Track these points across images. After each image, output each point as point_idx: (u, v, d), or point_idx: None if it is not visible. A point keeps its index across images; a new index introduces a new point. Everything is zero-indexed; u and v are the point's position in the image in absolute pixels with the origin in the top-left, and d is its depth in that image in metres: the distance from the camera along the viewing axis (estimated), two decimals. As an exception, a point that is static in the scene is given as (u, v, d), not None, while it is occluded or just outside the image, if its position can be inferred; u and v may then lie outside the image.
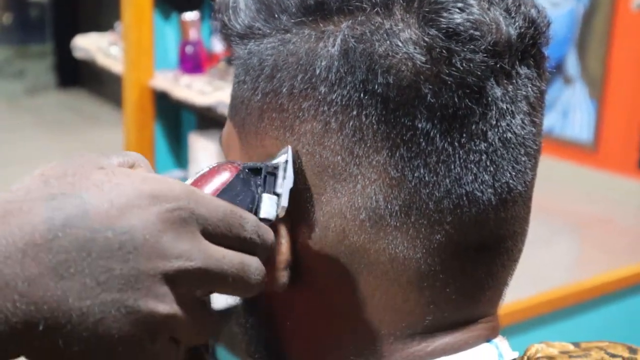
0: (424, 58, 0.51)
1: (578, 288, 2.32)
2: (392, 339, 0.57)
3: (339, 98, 0.53)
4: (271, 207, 0.55)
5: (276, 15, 0.56)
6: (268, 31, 0.56)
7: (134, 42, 2.49)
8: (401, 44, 0.51)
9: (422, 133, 0.52)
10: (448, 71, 0.51)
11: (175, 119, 2.72)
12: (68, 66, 7.31)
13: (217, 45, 2.60)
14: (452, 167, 0.53)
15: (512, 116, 0.54)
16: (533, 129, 0.56)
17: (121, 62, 2.64)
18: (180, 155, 2.74)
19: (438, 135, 0.52)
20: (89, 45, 3.01)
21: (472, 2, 0.52)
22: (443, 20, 0.51)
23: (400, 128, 0.52)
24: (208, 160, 2.43)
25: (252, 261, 0.51)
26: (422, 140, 0.52)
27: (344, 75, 0.53)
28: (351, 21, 0.53)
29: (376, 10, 0.52)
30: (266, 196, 0.55)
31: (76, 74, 7.56)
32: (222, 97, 2.26)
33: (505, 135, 0.54)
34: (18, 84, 7.64)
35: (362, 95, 0.52)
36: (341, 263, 0.55)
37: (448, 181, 0.53)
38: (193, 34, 2.51)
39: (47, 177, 0.47)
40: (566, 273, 3.39)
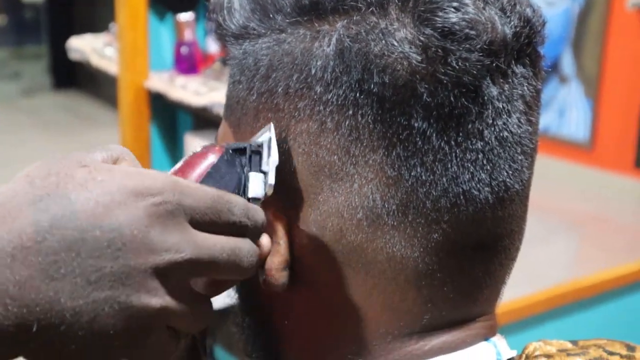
0: (420, 57, 0.51)
1: (575, 286, 2.32)
2: (390, 338, 0.57)
3: (335, 98, 0.53)
4: (259, 186, 0.54)
5: (271, 15, 0.56)
6: (263, 31, 0.56)
7: (129, 43, 2.48)
8: (397, 44, 0.51)
9: (419, 132, 0.52)
10: (444, 70, 0.51)
11: (170, 120, 2.72)
12: (63, 67, 7.30)
13: (212, 45, 2.60)
14: (449, 166, 0.53)
15: (509, 115, 0.54)
16: (529, 128, 0.56)
17: (116, 63, 2.64)
18: (176, 155, 2.73)
19: (434, 134, 0.52)
20: (84, 46, 3.00)
21: (468, 2, 0.52)
22: (438, 19, 0.51)
23: (396, 127, 0.52)
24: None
25: (244, 244, 0.51)
26: (419, 139, 0.52)
27: (340, 74, 0.53)
28: (346, 21, 0.53)
29: (371, 9, 0.52)
30: (253, 175, 0.54)
31: (72, 75, 7.54)
32: (218, 98, 2.25)
33: (501, 134, 0.54)
34: (13, 86, 7.63)
35: (358, 94, 0.52)
36: (338, 262, 0.55)
37: (445, 180, 0.53)
38: (188, 35, 2.51)
39: (32, 178, 0.47)
40: (563, 271, 3.39)
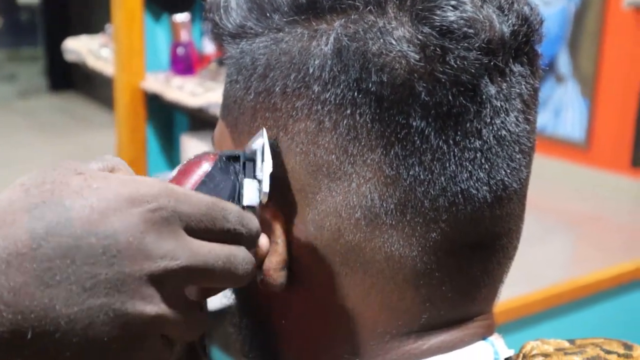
0: (418, 56, 0.51)
1: (572, 285, 2.33)
2: (388, 338, 0.57)
3: (333, 97, 0.53)
4: (253, 194, 0.54)
5: (268, 14, 0.55)
6: (260, 30, 0.56)
7: (125, 44, 2.48)
8: (395, 42, 0.51)
9: (417, 131, 0.52)
10: (442, 69, 0.51)
11: (167, 121, 2.72)
12: (59, 69, 7.30)
13: (208, 46, 2.60)
14: (447, 165, 0.53)
15: (507, 114, 0.54)
16: (527, 127, 0.56)
17: (112, 64, 2.64)
18: (172, 156, 2.73)
19: (432, 133, 0.52)
20: (80, 47, 3.00)
21: (465, 0, 0.52)
22: (436, 18, 0.51)
23: (394, 126, 0.52)
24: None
25: (239, 252, 0.51)
26: (417, 138, 0.52)
27: (338, 74, 0.52)
28: (344, 20, 0.53)
29: (369, 8, 0.52)
30: (247, 182, 0.54)
31: (68, 77, 7.54)
32: (214, 98, 2.25)
33: (499, 132, 0.54)
34: (10, 88, 7.63)
35: (356, 93, 0.52)
36: (337, 262, 0.55)
37: (443, 179, 0.53)
38: (184, 36, 2.51)
39: (28, 187, 0.47)
40: (560, 271, 3.40)
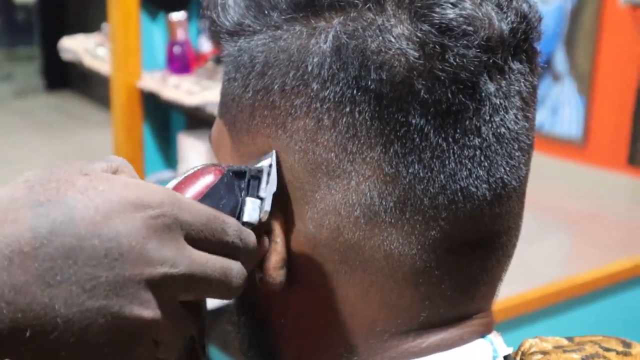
0: (417, 54, 0.51)
1: (570, 283, 2.33)
2: (387, 336, 0.57)
3: (332, 95, 0.53)
4: (254, 211, 0.55)
5: (266, 11, 0.55)
6: (258, 28, 0.56)
7: (121, 43, 2.48)
8: (394, 40, 0.51)
9: (416, 129, 0.52)
10: (441, 67, 0.51)
11: (163, 120, 2.72)
12: (56, 68, 7.29)
13: (205, 45, 2.60)
14: (447, 163, 0.53)
15: (506, 111, 0.54)
16: (526, 124, 0.56)
17: (109, 64, 2.64)
18: (169, 155, 2.73)
19: (432, 130, 0.52)
20: (76, 46, 3.00)
21: None
22: (436, 15, 0.51)
23: (394, 124, 0.52)
24: (197, 160, 2.43)
25: (234, 265, 0.52)
26: (416, 136, 0.52)
27: (337, 71, 0.52)
28: (343, 17, 0.53)
29: (368, 6, 0.52)
30: (249, 200, 0.55)
31: (64, 76, 7.53)
32: (211, 97, 2.26)
33: (498, 130, 0.54)
34: (6, 87, 7.62)
35: (355, 91, 0.52)
36: (336, 260, 0.55)
37: (442, 177, 0.53)
38: (180, 34, 2.51)
39: (32, 184, 0.47)
40: (557, 269, 3.40)
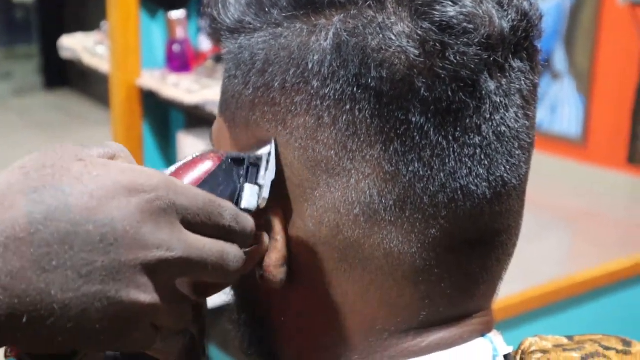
0: (418, 51, 0.51)
1: (570, 282, 2.33)
2: (387, 335, 0.57)
3: (332, 92, 0.53)
4: (252, 198, 0.55)
5: (267, 9, 0.55)
6: (259, 25, 0.56)
7: (121, 41, 2.48)
8: (394, 38, 0.51)
9: (416, 127, 0.52)
10: (442, 64, 0.51)
11: (163, 118, 2.72)
12: (55, 67, 7.30)
13: (204, 43, 2.60)
14: (447, 161, 0.53)
15: (506, 110, 0.54)
16: (526, 123, 0.56)
17: (108, 62, 2.64)
18: (168, 154, 2.73)
19: (432, 129, 0.52)
20: (75, 45, 3.00)
21: None
22: (436, 13, 0.51)
23: (394, 122, 0.52)
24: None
25: (231, 249, 0.51)
26: (416, 134, 0.52)
27: (337, 69, 0.52)
28: (343, 15, 0.53)
29: (368, 3, 0.52)
30: (248, 186, 0.55)
31: (63, 75, 7.54)
32: (210, 96, 2.25)
33: (499, 128, 0.54)
34: (5, 86, 7.62)
35: (355, 89, 0.52)
36: (335, 258, 0.55)
37: (442, 175, 0.53)
38: (180, 33, 2.51)
39: (27, 170, 0.47)
40: (557, 267, 3.40)
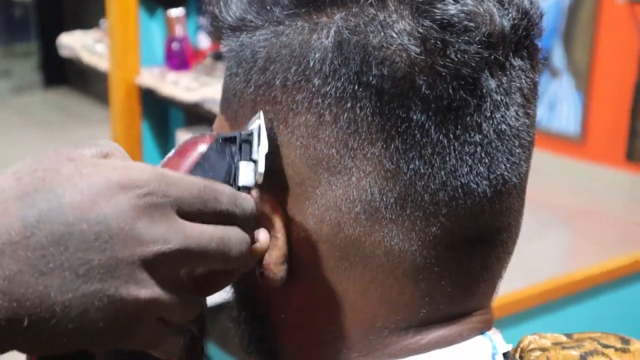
0: (419, 49, 0.51)
1: (569, 280, 2.33)
2: (387, 332, 0.57)
3: (333, 90, 0.53)
4: (249, 175, 0.55)
5: (268, 7, 0.55)
6: (260, 23, 0.56)
7: (120, 39, 2.48)
8: (395, 35, 0.51)
9: (417, 125, 0.52)
10: (442, 62, 0.51)
11: (162, 116, 2.71)
12: (54, 65, 7.27)
13: (203, 41, 2.60)
14: (447, 159, 0.53)
15: (507, 108, 0.54)
16: (527, 121, 0.56)
17: (107, 60, 2.63)
18: (168, 151, 2.71)
19: (433, 127, 0.52)
20: (74, 43, 3.00)
21: None
22: (437, 11, 0.51)
23: (395, 120, 0.52)
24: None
25: (233, 232, 0.51)
26: (417, 132, 0.52)
27: (338, 67, 0.52)
28: (345, 13, 0.53)
29: (370, 1, 0.52)
30: (243, 164, 0.55)
31: (62, 73, 7.52)
32: (209, 94, 2.25)
33: (499, 127, 0.54)
34: (4, 84, 7.60)
35: (357, 87, 0.52)
36: (336, 256, 0.55)
37: (443, 173, 0.53)
38: (179, 30, 2.50)
39: (20, 175, 0.47)
40: (556, 265, 3.40)
